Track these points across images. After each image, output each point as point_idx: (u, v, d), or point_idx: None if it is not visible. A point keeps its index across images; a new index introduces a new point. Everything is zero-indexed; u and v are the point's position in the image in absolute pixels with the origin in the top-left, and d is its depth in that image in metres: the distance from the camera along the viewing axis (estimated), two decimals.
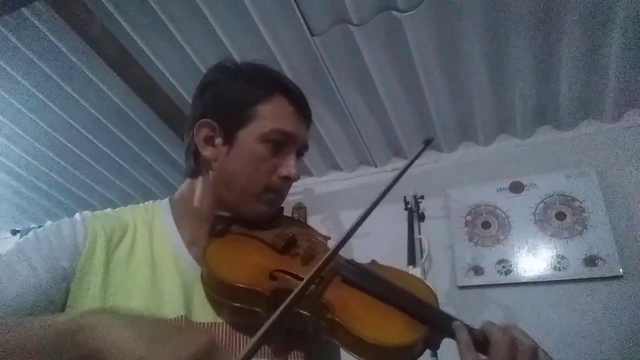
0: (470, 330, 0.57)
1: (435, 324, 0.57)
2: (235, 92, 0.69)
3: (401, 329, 0.55)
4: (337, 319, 0.54)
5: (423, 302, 0.60)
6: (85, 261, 0.59)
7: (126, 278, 0.61)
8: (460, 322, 0.58)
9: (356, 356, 0.54)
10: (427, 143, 0.80)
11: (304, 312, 0.57)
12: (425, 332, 0.55)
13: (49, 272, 0.57)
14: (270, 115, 0.67)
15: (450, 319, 0.58)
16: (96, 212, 0.68)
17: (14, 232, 3.52)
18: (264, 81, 0.70)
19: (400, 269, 0.71)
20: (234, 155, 0.67)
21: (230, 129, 0.68)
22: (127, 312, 0.45)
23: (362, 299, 0.60)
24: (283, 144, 0.68)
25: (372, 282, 0.62)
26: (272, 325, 0.47)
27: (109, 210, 0.71)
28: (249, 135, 0.67)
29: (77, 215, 0.66)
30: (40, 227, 0.62)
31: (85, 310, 0.45)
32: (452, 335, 0.57)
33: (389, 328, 0.56)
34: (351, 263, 0.66)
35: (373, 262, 0.71)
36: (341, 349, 0.57)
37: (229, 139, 0.68)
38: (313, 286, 0.58)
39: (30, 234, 0.62)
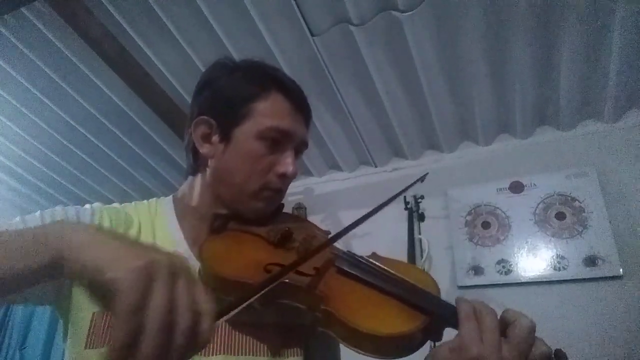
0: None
1: (434, 313, 0.55)
2: (232, 89, 0.69)
3: (398, 319, 0.54)
4: (330, 310, 0.54)
5: (421, 291, 0.58)
6: None
7: None
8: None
9: (353, 348, 0.53)
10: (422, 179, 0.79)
11: (299, 306, 0.57)
12: (423, 322, 0.54)
13: None
14: (267, 113, 0.67)
15: (451, 307, 0.57)
16: (106, 205, 0.69)
17: None
18: (261, 78, 0.69)
19: (401, 260, 0.70)
20: (231, 153, 0.67)
21: (227, 126, 0.68)
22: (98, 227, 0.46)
23: (358, 289, 0.59)
24: (280, 141, 0.68)
25: (368, 272, 0.61)
26: (262, 289, 0.46)
27: (115, 205, 0.71)
28: (245, 133, 0.67)
29: (87, 206, 0.66)
30: None
31: (57, 220, 0.47)
32: (454, 325, 0.55)
33: (385, 318, 0.55)
34: (348, 254, 0.66)
35: (373, 254, 0.70)
36: (341, 345, 0.56)
37: (226, 136, 0.68)
38: (308, 278, 0.57)
39: (37, 214, 0.63)
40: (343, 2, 1.58)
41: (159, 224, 0.69)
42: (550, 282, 1.86)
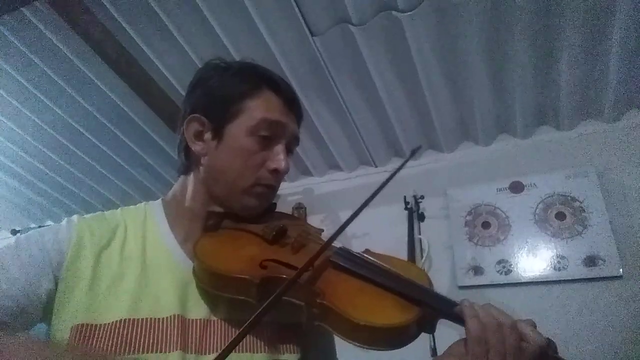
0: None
1: (428, 305, 0.57)
2: (224, 87, 0.70)
3: (392, 311, 0.56)
4: (327, 303, 0.55)
5: (415, 284, 0.60)
6: (69, 267, 0.60)
7: (115, 280, 0.61)
8: (466, 302, 0.56)
9: (350, 340, 0.54)
10: (414, 152, 0.81)
11: (296, 301, 0.58)
12: (417, 313, 0.55)
13: (24, 283, 0.57)
14: (258, 109, 0.68)
15: (443, 300, 0.58)
16: (85, 216, 0.69)
17: (14, 232, 3.52)
18: (252, 76, 0.71)
19: (392, 255, 0.71)
20: (223, 150, 0.68)
21: (219, 123, 0.69)
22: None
23: (353, 283, 0.61)
24: (271, 137, 0.69)
25: (362, 266, 0.63)
26: (265, 310, 0.48)
27: (98, 213, 0.71)
28: (237, 129, 0.68)
29: (63, 222, 0.66)
30: (40, 227, 0.62)
31: None
32: (446, 316, 0.57)
33: (380, 310, 0.56)
34: (342, 250, 0.67)
35: (366, 250, 0.71)
36: (336, 340, 0.56)
37: (218, 133, 0.69)
38: (305, 274, 0.58)
39: (12, 240, 0.62)
40: (343, 2, 1.58)
41: (149, 228, 0.69)
42: (550, 282, 1.86)
